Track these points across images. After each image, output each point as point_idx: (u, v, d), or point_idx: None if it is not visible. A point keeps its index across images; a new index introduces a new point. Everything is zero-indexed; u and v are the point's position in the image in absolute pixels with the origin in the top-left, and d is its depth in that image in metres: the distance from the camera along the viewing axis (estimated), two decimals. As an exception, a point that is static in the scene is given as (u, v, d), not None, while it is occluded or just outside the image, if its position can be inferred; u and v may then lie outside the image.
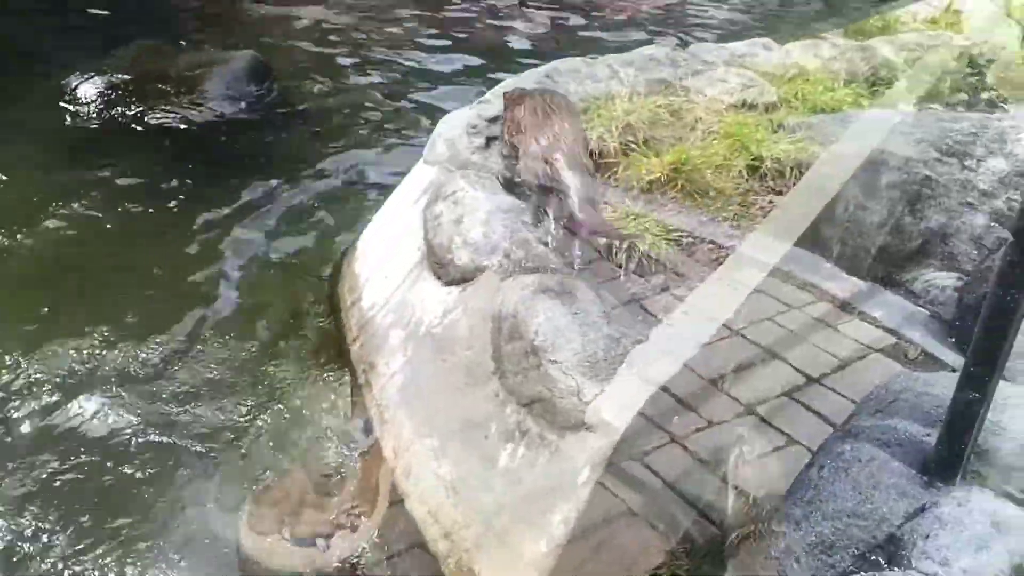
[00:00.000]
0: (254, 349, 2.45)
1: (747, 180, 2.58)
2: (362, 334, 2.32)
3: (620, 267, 2.23)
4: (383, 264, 2.42)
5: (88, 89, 3.86)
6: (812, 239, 2.51)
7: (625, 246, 2.23)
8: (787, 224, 2.56)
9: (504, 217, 2.11)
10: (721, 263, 2.40)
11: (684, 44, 4.53)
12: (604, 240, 2.21)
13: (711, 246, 2.40)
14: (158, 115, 3.78)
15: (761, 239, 2.50)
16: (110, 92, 3.84)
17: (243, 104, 3.97)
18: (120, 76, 3.95)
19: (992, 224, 2.35)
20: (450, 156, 2.38)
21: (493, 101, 2.63)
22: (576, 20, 5.93)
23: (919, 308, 2.27)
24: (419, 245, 2.25)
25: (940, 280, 2.36)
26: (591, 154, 2.57)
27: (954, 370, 1.70)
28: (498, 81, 2.95)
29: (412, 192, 2.48)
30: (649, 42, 4.69)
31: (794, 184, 2.59)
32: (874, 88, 3.24)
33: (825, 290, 2.37)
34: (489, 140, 2.44)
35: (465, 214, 2.13)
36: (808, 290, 2.40)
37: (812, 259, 2.52)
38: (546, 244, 2.07)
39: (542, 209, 2.20)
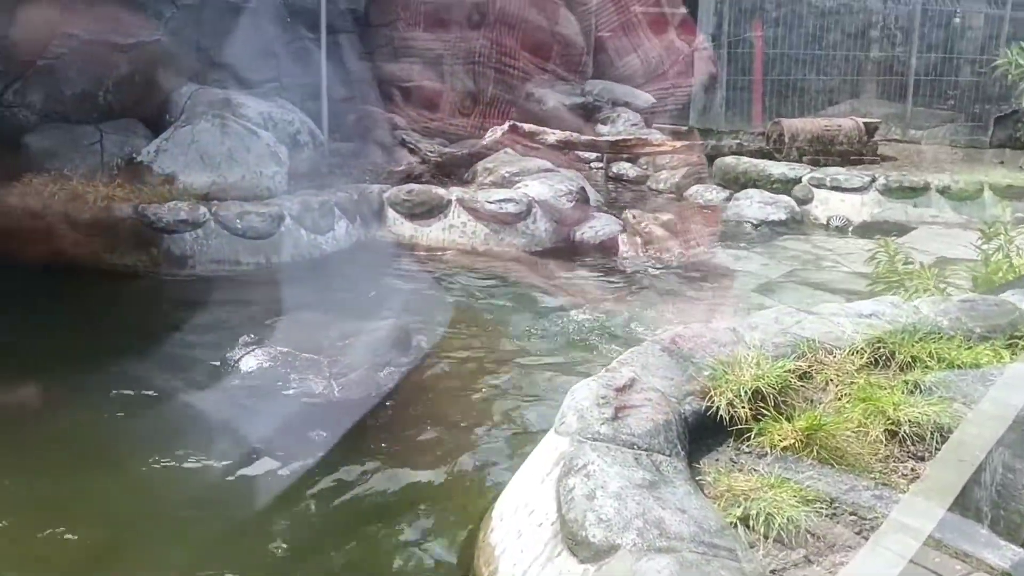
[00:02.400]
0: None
1: (885, 445, 2.53)
2: (499, 609, 2.32)
3: (759, 538, 2.19)
4: (518, 536, 2.45)
5: (250, 361, 4.23)
6: (962, 504, 2.41)
7: (763, 516, 2.20)
8: (934, 490, 2.47)
9: (636, 493, 2.13)
10: (866, 532, 2.32)
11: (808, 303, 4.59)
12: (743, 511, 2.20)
13: (853, 516, 2.33)
14: (307, 385, 4.08)
15: (908, 506, 2.41)
16: (270, 363, 4.20)
17: (387, 371, 4.24)
18: (278, 348, 4.32)
19: None
20: (580, 428, 2.46)
21: (621, 370, 2.73)
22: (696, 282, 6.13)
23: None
24: (553, 519, 2.28)
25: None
26: (720, 420, 2.60)
27: None
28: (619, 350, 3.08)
29: (544, 463, 2.54)
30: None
31: (936, 448, 2.52)
32: (1012, 341, 3.18)
33: (982, 559, 2.25)
34: (618, 411, 2.51)
35: (597, 488, 2.16)
36: (965, 560, 2.27)
37: (965, 525, 2.40)
38: (681, 521, 2.07)
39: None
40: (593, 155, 9.41)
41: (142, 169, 6.44)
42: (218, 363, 4.32)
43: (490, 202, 6.65)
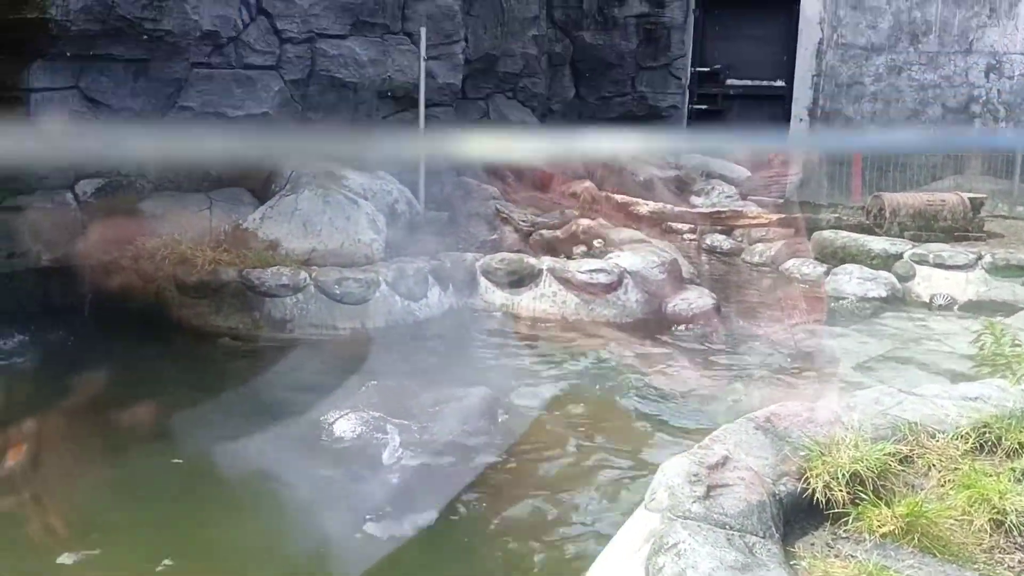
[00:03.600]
0: None
1: (991, 535, 2.42)
2: None
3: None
4: (605, 614, 2.42)
5: (343, 424, 4.32)
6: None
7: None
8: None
9: (728, 575, 2.09)
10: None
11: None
12: None
13: (959, 611, 2.23)
14: (398, 451, 4.14)
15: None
16: (362, 428, 4.28)
17: (476, 439, 4.28)
18: (371, 413, 4.40)
19: None
20: (671, 505, 2.42)
21: (713, 447, 2.70)
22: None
23: None
24: (641, 597, 2.25)
25: None
26: (816, 502, 2.53)
27: None
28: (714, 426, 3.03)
29: (634, 539, 2.51)
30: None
31: (1048, 542, 2.40)
32: None
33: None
34: (710, 489, 2.47)
35: (688, 568, 2.13)
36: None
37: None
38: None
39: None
40: (686, 227, 9.39)
41: (247, 235, 6.71)
42: (313, 425, 4.42)
43: (581, 272, 6.69)
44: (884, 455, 2.67)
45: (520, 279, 6.79)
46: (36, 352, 5.82)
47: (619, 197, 8.04)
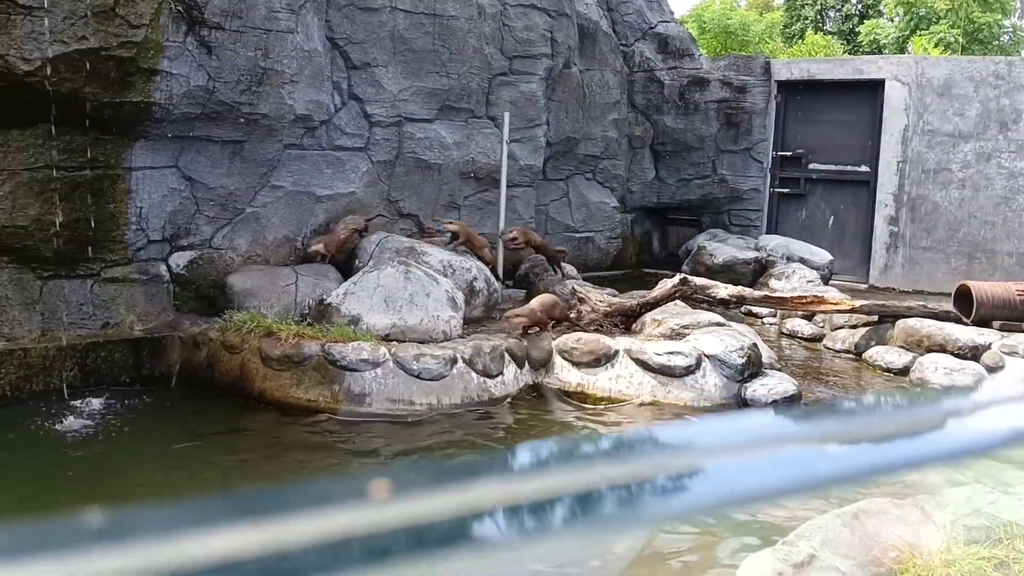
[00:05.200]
0: None
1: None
2: None
3: None
4: None
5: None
6: None
7: None
8: None
9: None
10: None
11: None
12: None
13: None
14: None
15: None
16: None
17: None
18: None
19: None
20: (754, 602, 2.36)
21: (799, 544, 2.62)
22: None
23: None
24: None
25: None
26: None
27: None
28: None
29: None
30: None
31: None
32: None
33: None
34: (794, 587, 2.40)
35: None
36: None
37: None
38: None
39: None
40: (766, 311, 9.26)
41: (331, 310, 6.88)
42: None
43: (658, 354, 6.64)
44: (978, 559, 2.56)
45: (596, 359, 6.77)
46: (122, 418, 6.01)
47: (698, 280, 7.99)
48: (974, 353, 7.58)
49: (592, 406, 6.53)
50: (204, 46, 6.88)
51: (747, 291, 8.31)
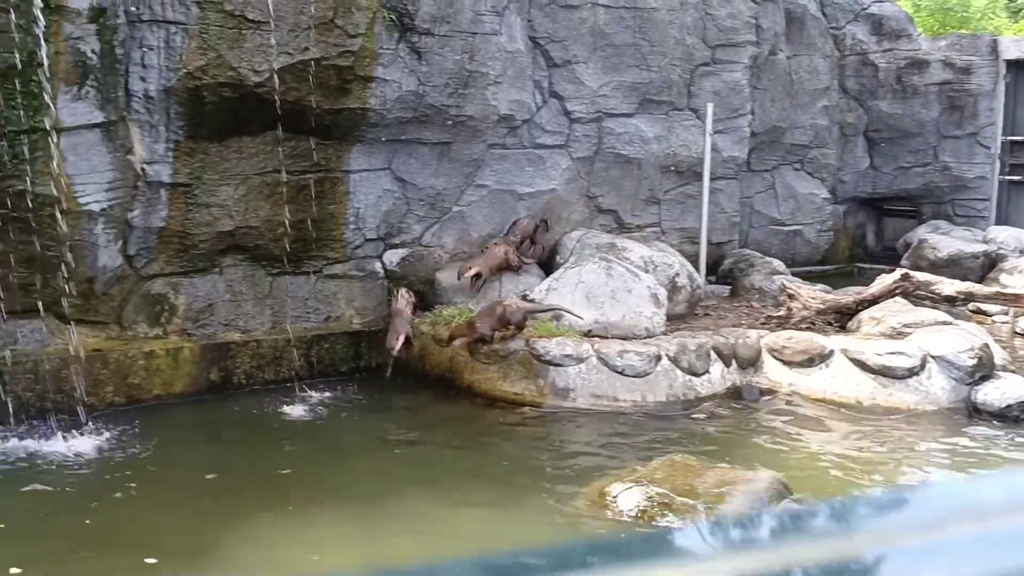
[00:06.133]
0: None
1: None
2: None
3: None
4: None
5: (628, 498, 4.30)
6: None
7: None
8: None
9: None
10: None
11: None
12: None
13: None
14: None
15: None
16: (647, 503, 4.24)
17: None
18: (655, 488, 4.34)
19: None
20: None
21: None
22: None
23: None
24: None
25: None
26: None
27: None
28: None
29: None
30: None
31: None
32: None
33: None
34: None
35: None
36: None
37: None
38: None
39: None
40: (996, 309, 8.53)
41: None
42: (596, 497, 4.44)
43: (879, 354, 6.26)
44: None
45: (809, 359, 6.49)
46: (344, 406, 6.37)
47: (920, 275, 7.47)
48: None
49: (804, 403, 6.25)
50: (415, 52, 7.15)
51: (976, 287, 7.69)
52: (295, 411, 6.20)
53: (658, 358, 6.27)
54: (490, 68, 7.54)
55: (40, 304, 6.00)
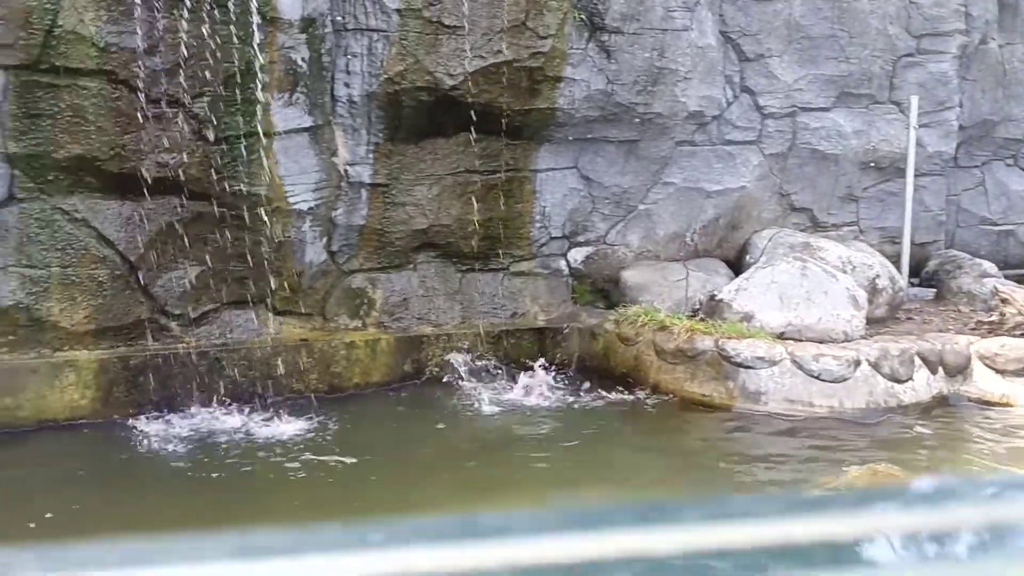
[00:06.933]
0: None
1: None
2: None
3: None
4: None
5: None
6: None
7: None
8: None
9: None
10: None
11: None
12: None
13: None
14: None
15: None
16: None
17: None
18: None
19: None
20: None
21: None
22: None
23: None
24: None
25: None
26: None
27: None
28: None
29: None
30: None
31: None
32: None
33: None
34: None
35: None
36: None
37: None
38: None
39: None
40: None
41: (722, 306, 6.81)
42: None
43: (1112, 365, 5.72)
44: None
45: (1026, 368, 6.00)
46: (524, 404, 6.46)
47: None
48: None
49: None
50: (604, 51, 7.16)
51: None
52: (486, 403, 6.35)
53: (857, 363, 5.98)
54: (680, 64, 7.44)
55: (252, 296, 6.44)
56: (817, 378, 5.92)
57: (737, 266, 7.69)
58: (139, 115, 5.76)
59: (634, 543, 0.63)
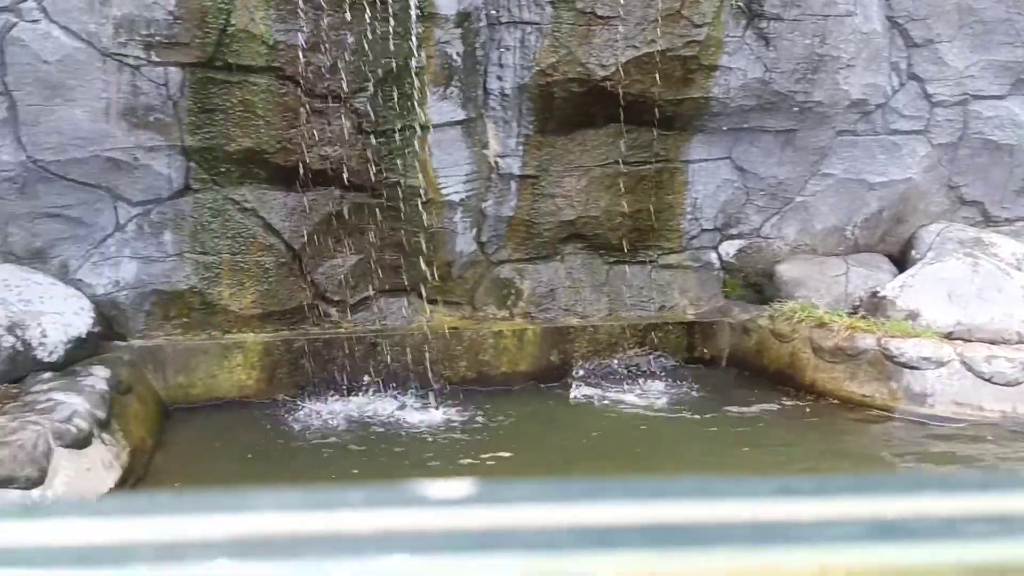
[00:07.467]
0: None
1: None
2: None
3: None
4: None
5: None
6: None
7: None
8: None
9: None
10: None
11: None
12: None
13: None
14: None
15: None
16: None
17: None
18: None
19: None
20: None
21: None
22: None
23: None
24: None
25: None
26: None
27: None
28: None
29: None
30: None
31: None
32: None
33: None
34: None
35: None
36: None
37: None
38: None
39: None
40: None
41: (885, 303, 6.49)
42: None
43: None
44: None
45: None
46: (682, 395, 6.37)
47: None
48: None
49: None
50: (762, 38, 6.95)
51: None
52: (628, 396, 6.31)
53: (1033, 366, 5.58)
54: (842, 51, 7.13)
55: (406, 284, 6.63)
56: (988, 381, 5.56)
57: (901, 262, 7.31)
58: (303, 110, 6.03)
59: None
